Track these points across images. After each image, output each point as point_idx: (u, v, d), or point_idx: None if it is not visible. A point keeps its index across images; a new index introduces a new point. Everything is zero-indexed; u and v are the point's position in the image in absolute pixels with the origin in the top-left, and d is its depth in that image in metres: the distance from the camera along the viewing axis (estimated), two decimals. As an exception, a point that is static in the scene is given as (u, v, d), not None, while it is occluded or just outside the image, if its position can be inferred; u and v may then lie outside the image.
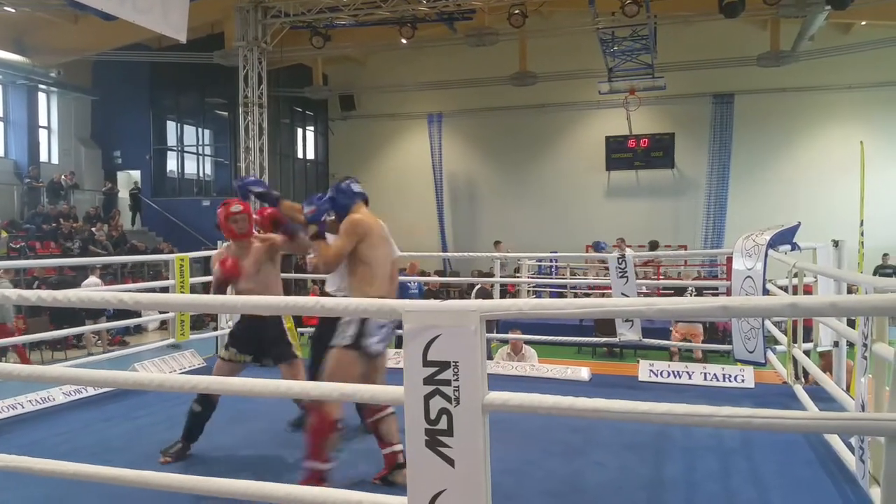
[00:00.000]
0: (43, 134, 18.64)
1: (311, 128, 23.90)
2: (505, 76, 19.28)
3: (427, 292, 12.89)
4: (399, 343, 9.07)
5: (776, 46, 17.28)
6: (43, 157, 18.44)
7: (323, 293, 4.80)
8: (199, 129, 21.45)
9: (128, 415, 5.02)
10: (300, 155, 23.27)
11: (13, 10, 15.24)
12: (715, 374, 5.98)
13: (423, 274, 13.48)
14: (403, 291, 10.67)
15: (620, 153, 19.98)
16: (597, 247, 18.30)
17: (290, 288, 8.77)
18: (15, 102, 17.71)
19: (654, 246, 15.79)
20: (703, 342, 9.90)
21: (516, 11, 14.14)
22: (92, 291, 5.25)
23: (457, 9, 14.66)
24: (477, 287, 9.84)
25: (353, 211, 3.68)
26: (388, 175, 22.63)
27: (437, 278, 15.22)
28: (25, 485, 3.41)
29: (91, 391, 5.34)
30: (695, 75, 18.42)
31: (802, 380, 5.45)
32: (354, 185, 3.80)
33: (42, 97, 18.57)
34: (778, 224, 5.84)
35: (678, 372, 6.13)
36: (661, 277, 13.63)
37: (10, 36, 16.67)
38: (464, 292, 15.41)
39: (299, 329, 11.78)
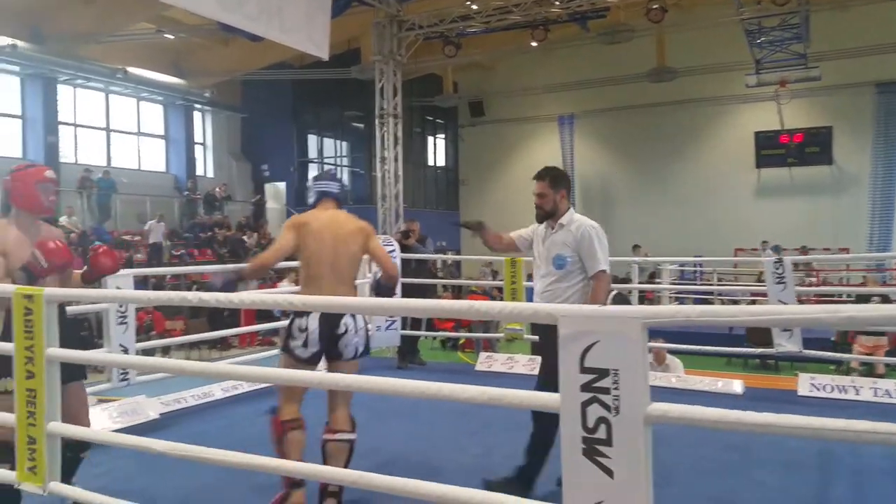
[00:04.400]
0: (199, 150, 20.25)
1: (442, 135, 24.35)
2: (641, 73, 18.69)
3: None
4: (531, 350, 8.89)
5: (951, 26, 15.60)
6: (199, 171, 20.05)
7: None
8: (338, 142, 22.49)
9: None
10: (431, 162, 23.77)
11: (172, 37, 16.67)
12: (887, 391, 5.42)
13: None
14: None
15: (771, 149, 18.75)
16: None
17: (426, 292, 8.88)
18: (174, 121, 19.39)
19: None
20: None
21: (655, 6, 13.61)
22: (263, 294, 5.50)
23: (590, 7, 14.32)
24: (614, 293, 9.49)
25: (315, 207, 3.50)
26: (517, 179, 22.45)
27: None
28: (185, 474, 3.62)
29: (245, 388, 5.62)
30: (854, 63, 16.98)
31: None
32: (318, 183, 3.61)
33: (197, 116, 20.22)
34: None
35: (843, 387, 5.61)
36: (819, 284, 12.58)
37: (169, 60, 18.27)
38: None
39: (432, 333, 11.98)
